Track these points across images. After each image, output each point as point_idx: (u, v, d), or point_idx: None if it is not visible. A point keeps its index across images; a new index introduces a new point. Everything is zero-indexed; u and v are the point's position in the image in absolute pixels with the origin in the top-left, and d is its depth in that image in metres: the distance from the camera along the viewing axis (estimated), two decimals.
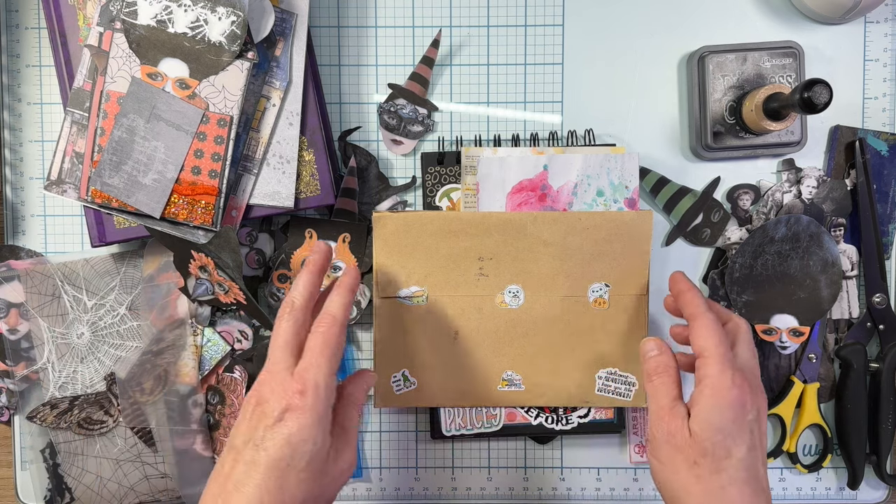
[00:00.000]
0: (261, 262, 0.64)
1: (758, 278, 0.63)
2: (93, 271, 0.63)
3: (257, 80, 0.59)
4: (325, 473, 0.47)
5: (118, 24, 0.56)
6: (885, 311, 0.64)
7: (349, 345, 0.66)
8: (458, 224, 0.61)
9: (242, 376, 0.61)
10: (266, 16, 0.58)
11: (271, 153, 0.60)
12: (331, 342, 0.48)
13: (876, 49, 0.65)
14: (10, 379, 0.62)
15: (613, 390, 0.62)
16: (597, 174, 0.62)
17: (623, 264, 0.61)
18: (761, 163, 0.65)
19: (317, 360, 0.47)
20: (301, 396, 0.46)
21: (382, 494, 0.67)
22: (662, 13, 0.65)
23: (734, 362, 0.48)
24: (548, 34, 0.65)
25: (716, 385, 0.47)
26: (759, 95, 0.60)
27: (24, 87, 0.65)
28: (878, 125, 0.65)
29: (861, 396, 0.63)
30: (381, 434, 0.66)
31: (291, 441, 0.45)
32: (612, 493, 0.67)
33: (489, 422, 0.63)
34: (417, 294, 0.61)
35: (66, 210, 0.65)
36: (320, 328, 0.49)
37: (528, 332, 0.61)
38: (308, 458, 0.45)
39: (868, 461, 0.65)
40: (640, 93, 0.65)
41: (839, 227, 0.64)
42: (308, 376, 0.46)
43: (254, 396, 0.47)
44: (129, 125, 0.56)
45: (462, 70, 0.65)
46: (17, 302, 0.62)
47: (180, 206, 0.58)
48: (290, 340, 0.49)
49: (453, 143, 0.65)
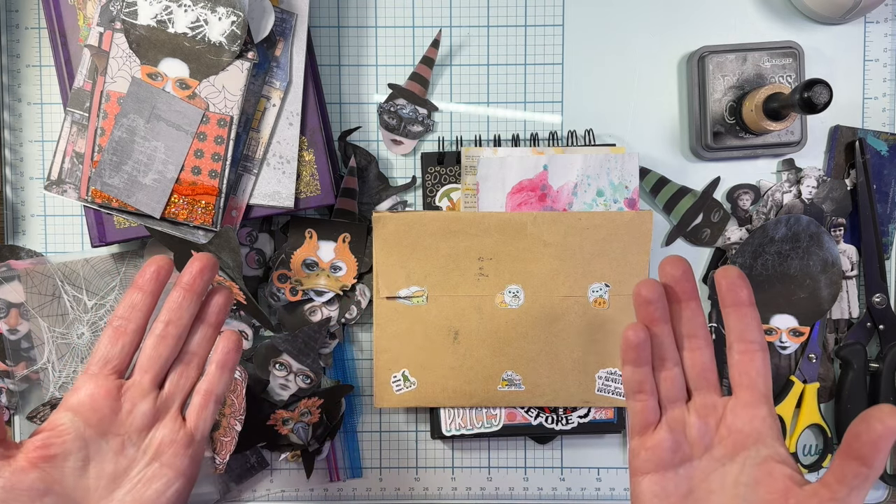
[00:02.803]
0: (261, 262, 0.64)
1: (758, 278, 0.63)
2: (93, 271, 0.63)
3: (257, 80, 0.59)
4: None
5: (118, 24, 0.56)
6: (885, 311, 0.64)
7: (349, 345, 0.66)
8: (458, 224, 0.61)
9: (242, 376, 0.61)
10: (266, 16, 0.58)
11: (271, 153, 0.60)
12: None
13: (876, 49, 0.65)
14: (10, 379, 0.63)
15: (613, 390, 0.62)
16: (597, 174, 0.62)
17: (623, 264, 0.61)
18: (761, 163, 0.65)
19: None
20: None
21: (382, 494, 0.67)
22: (662, 13, 0.65)
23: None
24: (548, 34, 0.65)
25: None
26: (759, 95, 0.60)
27: (24, 87, 0.65)
28: (878, 125, 0.65)
29: (861, 396, 0.63)
30: (381, 434, 0.66)
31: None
32: (612, 493, 0.67)
33: (489, 422, 0.63)
34: (417, 294, 0.61)
35: (66, 210, 0.65)
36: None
37: (529, 332, 0.61)
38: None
39: None
40: (640, 93, 0.65)
41: (839, 227, 0.64)
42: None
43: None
44: (130, 125, 0.56)
45: (462, 70, 0.65)
46: (17, 302, 0.62)
47: (180, 206, 0.58)
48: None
49: (453, 143, 0.65)
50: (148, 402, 0.45)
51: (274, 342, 0.63)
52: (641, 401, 0.44)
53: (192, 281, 0.47)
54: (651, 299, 0.43)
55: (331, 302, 0.64)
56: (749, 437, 0.42)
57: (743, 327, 0.43)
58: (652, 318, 0.44)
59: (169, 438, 0.45)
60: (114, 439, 0.45)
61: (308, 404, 0.63)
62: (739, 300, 0.42)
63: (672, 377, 0.44)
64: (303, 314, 0.64)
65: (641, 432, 0.44)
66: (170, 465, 0.45)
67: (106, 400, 0.44)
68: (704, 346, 0.44)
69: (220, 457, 0.62)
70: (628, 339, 0.43)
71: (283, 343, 0.63)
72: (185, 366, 0.47)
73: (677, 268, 0.43)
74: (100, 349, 0.45)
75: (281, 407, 0.63)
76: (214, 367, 0.48)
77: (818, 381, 0.65)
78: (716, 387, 0.44)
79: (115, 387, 0.45)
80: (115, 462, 0.45)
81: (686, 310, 0.44)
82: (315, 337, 0.63)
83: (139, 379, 0.46)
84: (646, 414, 0.44)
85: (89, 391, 0.44)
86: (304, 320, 0.63)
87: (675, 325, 0.44)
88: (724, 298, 0.43)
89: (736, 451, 0.42)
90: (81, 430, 0.44)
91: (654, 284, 0.43)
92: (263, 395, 0.63)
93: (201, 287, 0.47)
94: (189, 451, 0.46)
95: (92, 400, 0.44)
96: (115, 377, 0.45)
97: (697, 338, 0.44)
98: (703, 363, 0.44)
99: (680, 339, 0.44)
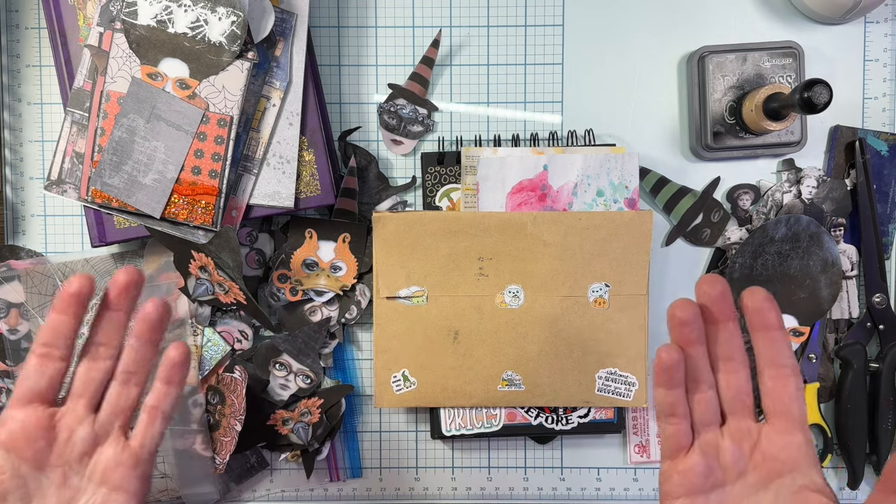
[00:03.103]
0: (261, 262, 0.64)
1: (758, 278, 0.63)
2: (93, 271, 0.63)
3: (257, 80, 0.59)
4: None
5: (118, 24, 0.56)
6: (885, 311, 0.64)
7: (349, 345, 0.66)
8: (458, 224, 0.61)
9: (242, 376, 0.61)
10: (266, 16, 0.58)
11: (271, 153, 0.60)
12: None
13: (876, 49, 0.65)
14: (10, 379, 0.63)
15: (613, 390, 0.62)
16: (597, 174, 0.62)
17: (623, 264, 0.61)
18: (761, 163, 0.65)
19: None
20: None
21: (382, 494, 0.67)
22: (662, 13, 0.65)
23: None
24: (548, 34, 0.65)
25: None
26: (759, 95, 0.60)
27: (24, 87, 0.65)
28: (878, 125, 0.65)
29: (861, 396, 0.63)
30: (381, 434, 0.66)
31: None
32: (612, 493, 0.67)
33: (489, 422, 0.63)
34: (417, 294, 0.61)
35: (66, 210, 0.65)
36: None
37: (529, 332, 0.61)
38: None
39: (868, 461, 0.65)
40: (640, 93, 0.65)
41: (839, 227, 0.64)
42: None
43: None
44: (130, 125, 0.56)
45: (462, 70, 0.65)
46: (17, 302, 0.62)
47: (180, 206, 0.58)
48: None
49: (453, 143, 0.65)
50: (85, 426, 0.43)
51: (274, 342, 0.63)
52: (674, 424, 0.43)
53: (118, 299, 0.44)
54: (686, 320, 0.41)
55: (331, 302, 0.64)
56: (785, 464, 0.40)
57: (774, 352, 0.41)
58: (687, 340, 0.42)
59: (114, 461, 0.43)
60: (53, 471, 0.42)
61: (308, 404, 0.63)
62: (769, 324, 0.41)
63: (706, 400, 0.42)
64: (303, 314, 0.64)
65: (673, 455, 0.43)
66: (118, 488, 0.43)
67: (39, 430, 0.42)
68: (741, 369, 0.42)
69: (220, 457, 0.62)
70: (662, 361, 0.41)
71: (283, 343, 0.63)
72: (122, 385, 0.44)
73: (714, 287, 0.41)
74: (26, 378, 0.43)
75: (281, 407, 0.63)
76: (159, 383, 0.45)
77: (818, 381, 0.65)
78: (751, 411, 0.42)
79: (46, 416, 0.42)
80: (59, 495, 0.42)
81: (723, 331, 0.42)
82: (315, 337, 0.63)
83: (73, 405, 0.43)
84: (678, 437, 0.43)
85: (19, 423, 0.42)
86: (304, 320, 0.63)
87: (711, 347, 0.42)
88: (751, 322, 0.41)
89: (770, 478, 0.41)
90: (17, 466, 0.41)
91: (689, 305, 0.41)
92: (263, 395, 0.63)
93: (128, 304, 0.44)
94: (137, 472, 0.44)
95: (24, 432, 0.42)
96: (45, 406, 0.43)
97: (734, 360, 0.42)
98: (738, 386, 0.42)
99: (715, 361, 0.43)
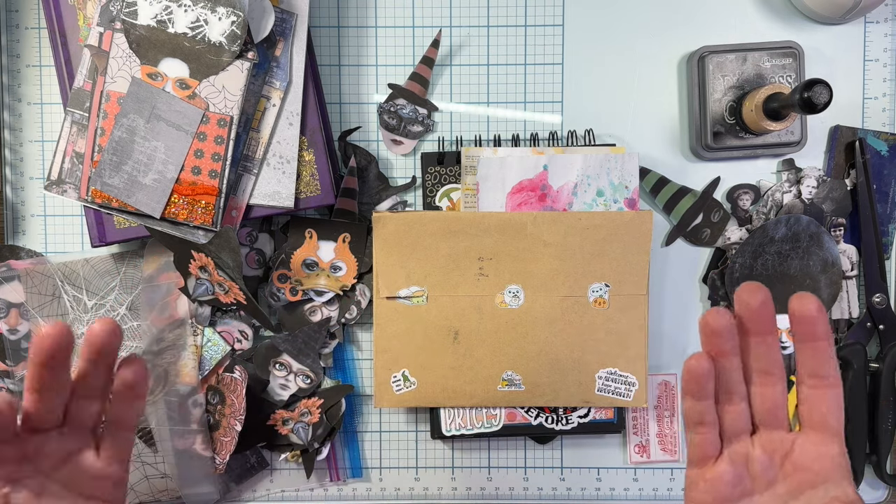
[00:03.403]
0: (261, 262, 0.64)
1: (758, 278, 0.63)
2: (93, 271, 0.63)
3: (257, 80, 0.59)
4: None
5: (118, 24, 0.56)
6: (885, 311, 0.64)
7: (349, 345, 0.66)
8: (458, 224, 0.61)
9: (242, 376, 0.61)
10: (266, 16, 0.58)
11: (271, 153, 0.60)
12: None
13: (876, 49, 0.65)
14: (10, 379, 0.63)
15: (613, 390, 0.62)
16: (597, 174, 0.62)
17: (623, 264, 0.61)
18: (761, 163, 0.65)
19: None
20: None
21: (382, 494, 0.67)
22: (662, 13, 0.65)
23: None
24: (548, 34, 0.65)
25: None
26: (759, 95, 0.60)
27: (24, 87, 0.65)
28: (878, 125, 0.65)
29: (861, 396, 0.63)
30: (381, 434, 0.66)
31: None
32: (612, 493, 0.67)
33: (489, 422, 0.63)
34: (417, 294, 0.61)
35: (66, 210, 0.65)
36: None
37: (528, 332, 0.61)
38: None
39: (868, 461, 0.65)
40: (640, 93, 0.65)
41: (839, 227, 0.64)
42: None
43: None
44: (130, 125, 0.56)
45: (462, 70, 0.65)
46: (17, 302, 0.62)
47: (180, 206, 0.58)
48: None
49: (453, 143, 0.65)
50: (52, 437, 0.43)
51: (274, 342, 0.63)
52: (701, 433, 0.41)
53: (51, 361, 0.41)
54: (719, 331, 0.39)
55: (331, 302, 0.64)
56: (817, 475, 0.39)
57: (817, 363, 0.39)
58: (720, 351, 0.39)
59: (92, 471, 0.43)
60: (31, 480, 0.42)
61: (308, 404, 0.63)
62: (816, 335, 0.38)
63: (738, 412, 0.41)
64: (303, 314, 0.64)
65: (700, 464, 0.41)
66: (97, 497, 0.43)
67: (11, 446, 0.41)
68: (777, 382, 0.40)
69: (220, 457, 0.62)
70: (691, 370, 0.39)
71: (283, 343, 0.63)
72: (81, 399, 0.43)
73: (755, 297, 0.38)
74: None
75: (281, 407, 0.63)
76: (114, 398, 0.44)
77: None
78: (785, 425, 0.40)
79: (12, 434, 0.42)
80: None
81: (762, 345, 0.39)
82: (315, 337, 0.63)
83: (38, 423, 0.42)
84: (705, 447, 0.41)
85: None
86: (304, 320, 0.63)
87: (746, 359, 0.40)
88: (798, 330, 0.39)
89: (801, 489, 0.39)
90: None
91: (723, 315, 0.39)
92: (263, 395, 0.63)
93: (62, 361, 0.41)
94: (110, 484, 0.43)
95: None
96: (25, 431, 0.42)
97: (772, 375, 0.40)
98: (773, 399, 0.40)
99: (749, 373, 0.40)
